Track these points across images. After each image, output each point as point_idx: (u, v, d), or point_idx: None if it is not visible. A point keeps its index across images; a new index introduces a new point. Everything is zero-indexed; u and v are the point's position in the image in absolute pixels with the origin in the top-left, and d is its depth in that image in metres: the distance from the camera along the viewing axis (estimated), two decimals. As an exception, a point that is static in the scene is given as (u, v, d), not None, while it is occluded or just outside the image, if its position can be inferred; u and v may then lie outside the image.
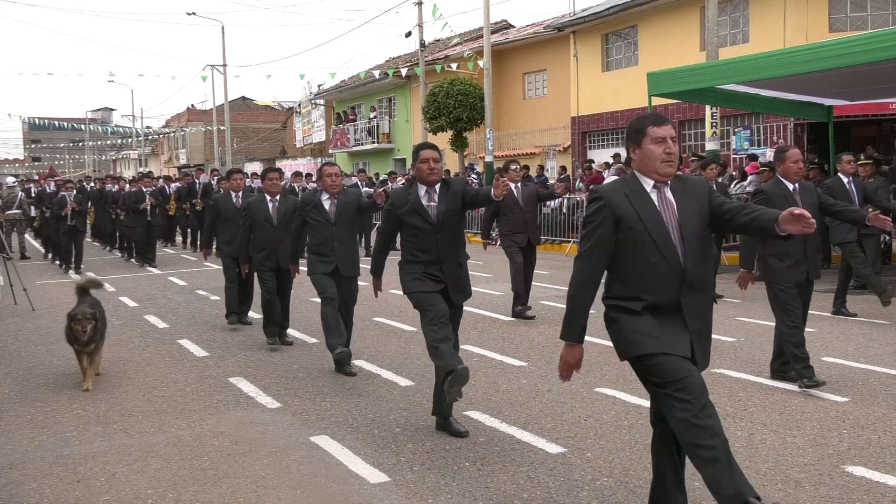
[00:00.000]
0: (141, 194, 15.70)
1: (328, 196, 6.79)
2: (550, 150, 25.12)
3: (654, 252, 3.29)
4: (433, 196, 5.04)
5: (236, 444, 5.00)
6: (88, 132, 69.90)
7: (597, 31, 22.26)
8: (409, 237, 5.06)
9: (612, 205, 3.30)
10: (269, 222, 7.85)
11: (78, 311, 6.39)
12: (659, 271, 3.30)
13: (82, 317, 6.34)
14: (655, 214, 3.30)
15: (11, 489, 4.38)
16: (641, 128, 3.36)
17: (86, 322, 6.30)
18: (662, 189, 3.35)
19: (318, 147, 40.41)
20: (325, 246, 6.69)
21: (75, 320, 6.33)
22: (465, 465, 4.56)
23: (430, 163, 5.04)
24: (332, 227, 6.70)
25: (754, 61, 10.96)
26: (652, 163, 3.32)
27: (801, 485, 4.17)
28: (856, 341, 7.54)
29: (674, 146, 3.34)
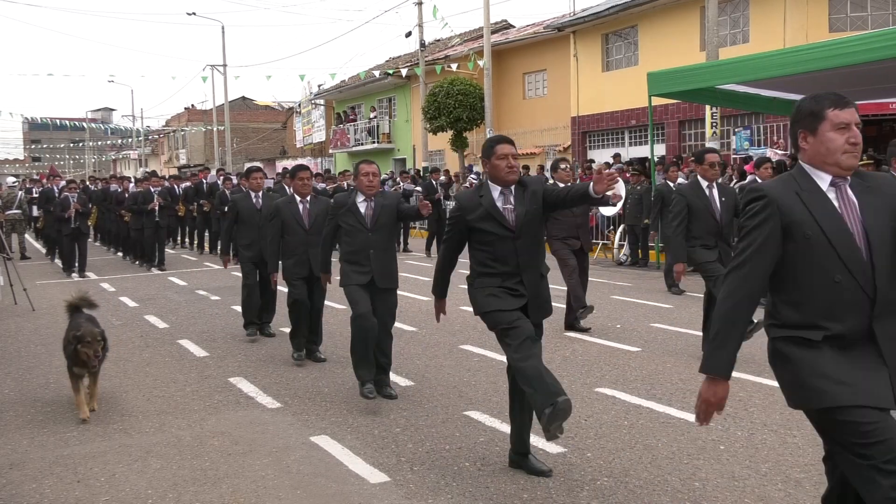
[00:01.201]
0: (149, 194, 15.08)
1: (364, 198, 5.96)
2: (550, 150, 25.12)
3: (837, 266, 2.58)
4: (509, 198, 4.36)
5: (236, 444, 5.00)
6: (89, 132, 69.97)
7: (597, 31, 22.26)
8: (481, 246, 4.38)
9: (780, 206, 2.64)
10: (300, 226, 7.13)
11: (86, 332, 5.60)
12: (844, 291, 2.58)
13: (92, 338, 5.57)
14: (836, 219, 2.62)
15: (11, 489, 4.38)
16: (818, 110, 2.68)
17: (96, 344, 5.57)
18: (843, 187, 2.67)
19: (318, 147, 40.41)
20: (360, 254, 5.88)
21: (83, 342, 5.54)
22: (465, 465, 4.55)
23: (510, 159, 4.34)
24: (368, 233, 5.89)
25: (754, 61, 10.97)
26: (832, 154, 2.65)
27: (801, 485, 4.16)
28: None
29: (859, 134, 2.67)
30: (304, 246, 7.10)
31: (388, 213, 5.98)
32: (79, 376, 5.67)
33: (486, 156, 4.42)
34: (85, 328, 5.67)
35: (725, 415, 5.35)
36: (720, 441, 4.84)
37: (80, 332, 5.60)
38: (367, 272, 5.88)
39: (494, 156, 4.36)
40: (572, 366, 6.81)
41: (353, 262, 5.91)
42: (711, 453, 4.64)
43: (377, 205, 5.98)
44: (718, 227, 6.81)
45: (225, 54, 65.16)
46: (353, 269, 5.89)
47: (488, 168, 4.42)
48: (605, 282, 12.20)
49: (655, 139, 16.89)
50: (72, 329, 5.77)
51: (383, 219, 5.96)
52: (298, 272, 7.13)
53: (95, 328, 5.73)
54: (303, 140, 42.77)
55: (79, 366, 5.60)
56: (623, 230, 14.93)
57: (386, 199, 6.07)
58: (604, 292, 10.99)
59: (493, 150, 4.37)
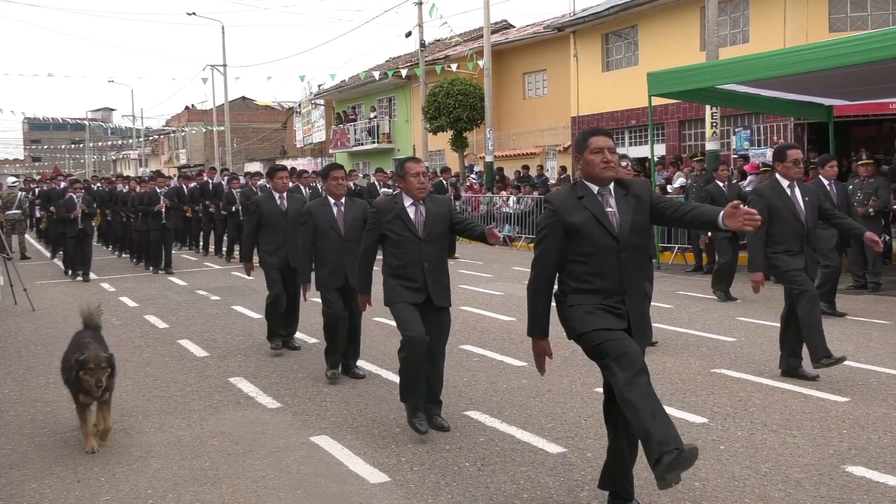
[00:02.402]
0: (155, 195, 14.46)
1: (412, 202, 5.18)
2: (550, 150, 25.12)
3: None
4: (608, 200, 3.75)
5: (236, 444, 5.00)
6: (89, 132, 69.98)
7: (597, 31, 22.25)
8: (579, 257, 3.71)
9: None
10: (335, 231, 6.44)
11: (90, 357, 4.84)
12: None
13: (96, 364, 4.81)
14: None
15: (11, 489, 4.38)
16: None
17: (100, 371, 4.81)
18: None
19: (318, 147, 40.41)
20: (411, 268, 5.08)
21: (86, 368, 4.80)
22: (465, 465, 4.55)
23: (606, 153, 3.72)
24: (421, 244, 5.08)
25: (754, 61, 10.97)
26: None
27: (801, 485, 4.17)
28: (856, 341, 7.54)
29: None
30: (339, 253, 6.39)
31: (442, 220, 5.19)
32: (85, 405, 4.97)
33: (578, 150, 3.85)
34: (90, 352, 4.88)
35: (725, 415, 5.35)
36: (720, 441, 4.85)
37: (84, 357, 4.82)
38: (421, 289, 5.09)
39: (588, 149, 3.76)
40: (572, 366, 6.81)
41: (402, 277, 5.12)
42: (711, 453, 4.64)
43: (429, 211, 5.17)
44: (803, 231, 6.15)
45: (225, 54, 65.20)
46: (403, 284, 5.10)
47: (581, 164, 3.84)
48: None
49: (655, 139, 16.89)
50: (74, 350, 5.02)
51: (437, 227, 5.16)
52: (334, 282, 6.41)
53: (102, 352, 4.95)
54: (303, 140, 42.77)
55: (84, 393, 4.91)
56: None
57: (437, 204, 5.26)
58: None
59: (586, 142, 3.79)
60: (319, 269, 6.51)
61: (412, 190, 5.15)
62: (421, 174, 5.15)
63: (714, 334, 7.95)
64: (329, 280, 6.44)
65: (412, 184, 5.15)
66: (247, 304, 10.61)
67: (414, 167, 5.17)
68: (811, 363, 6.09)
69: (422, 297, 5.08)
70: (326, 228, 6.45)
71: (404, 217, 5.14)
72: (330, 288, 6.44)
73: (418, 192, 5.15)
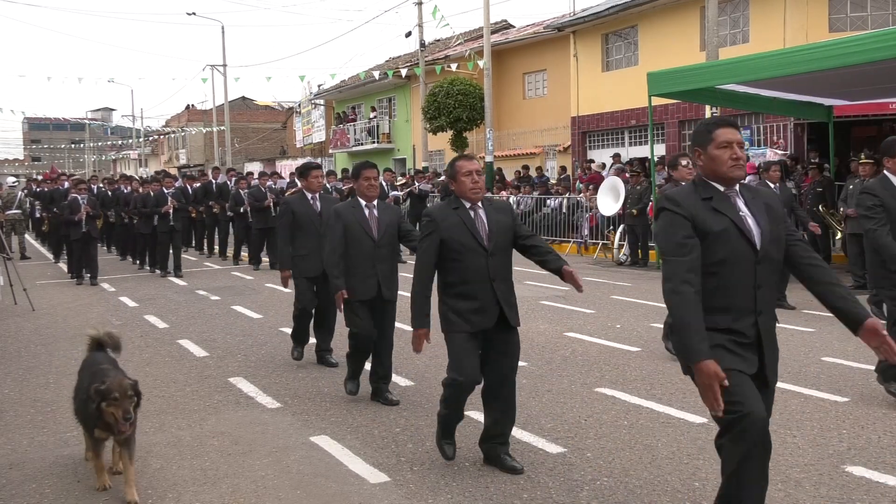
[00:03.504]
0: (163, 196, 13.77)
1: (471, 205, 4.42)
2: (550, 150, 25.12)
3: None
4: (738, 203, 3.22)
5: (236, 444, 5.00)
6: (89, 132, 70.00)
7: (597, 31, 22.25)
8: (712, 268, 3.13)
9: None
10: (367, 236, 5.78)
11: (112, 385, 4.08)
12: None
13: (121, 394, 4.05)
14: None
15: (11, 489, 4.38)
16: None
17: (127, 401, 4.07)
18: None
19: (318, 147, 40.42)
20: (473, 285, 4.32)
21: (109, 399, 4.04)
22: (465, 465, 4.55)
23: (735, 149, 3.20)
24: (488, 256, 4.34)
25: (754, 61, 10.96)
26: None
27: (801, 485, 4.17)
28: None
29: None
30: (371, 261, 5.75)
31: (505, 230, 4.42)
32: (100, 440, 4.23)
33: (698, 143, 3.29)
34: (112, 379, 4.13)
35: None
36: (720, 441, 4.84)
37: (106, 386, 4.06)
38: (489, 311, 4.33)
39: (713, 143, 3.22)
40: (572, 366, 6.81)
41: (464, 297, 4.33)
42: (711, 453, 4.63)
43: (491, 218, 4.40)
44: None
45: (225, 54, 65.21)
46: (467, 306, 4.32)
47: (702, 160, 3.27)
48: (605, 282, 12.20)
49: (655, 139, 16.88)
50: (91, 377, 4.27)
51: (502, 238, 4.40)
52: (364, 292, 5.74)
53: (125, 378, 4.24)
54: (303, 140, 42.77)
55: (102, 428, 4.15)
56: (623, 230, 14.93)
57: (499, 210, 4.49)
58: (604, 292, 10.99)
59: (710, 135, 3.24)
60: (349, 279, 5.79)
61: (465, 192, 4.39)
62: (475, 172, 4.40)
63: (714, 334, 7.94)
64: (360, 290, 5.72)
65: (465, 185, 4.39)
66: (247, 304, 10.61)
67: (466, 165, 4.42)
68: None
69: (490, 320, 4.33)
70: (358, 233, 5.78)
71: (469, 224, 4.36)
72: (360, 300, 5.73)
73: (473, 193, 4.38)
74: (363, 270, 5.75)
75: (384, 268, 5.79)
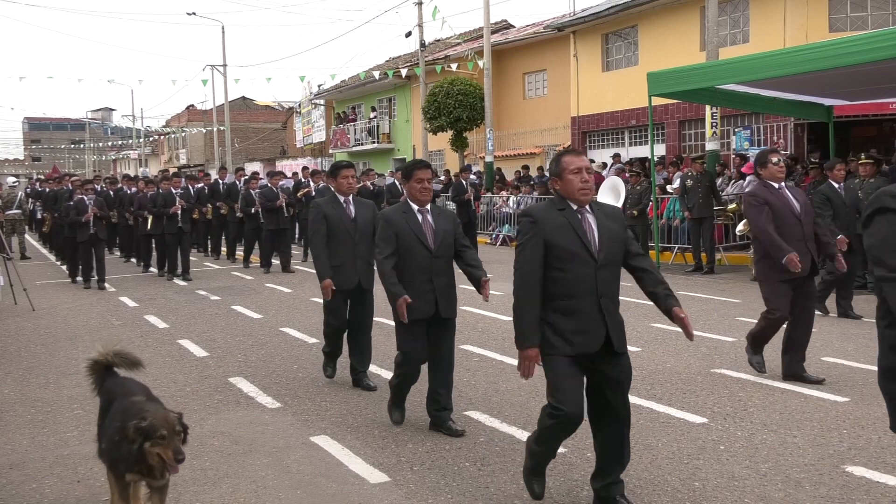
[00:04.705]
0: (171, 196, 13.46)
1: (578, 207, 3.82)
2: (550, 150, 25.12)
3: None
4: None
5: (236, 444, 5.00)
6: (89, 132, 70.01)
7: (597, 31, 22.25)
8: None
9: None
10: (423, 246, 5.05)
11: (157, 420, 3.39)
12: None
13: (170, 430, 3.38)
14: None
15: (11, 489, 4.38)
16: None
17: (175, 440, 3.41)
18: None
19: (318, 147, 40.42)
20: (578, 300, 3.74)
21: (155, 437, 3.36)
22: (465, 465, 4.55)
23: None
24: (596, 267, 3.74)
25: (754, 61, 10.97)
26: None
27: (801, 485, 4.17)
28: (856, 341, 7.53)
29: None
30: (427, 274, 5.04)
31: (619, 240, 3.84)
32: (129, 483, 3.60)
33: None
34: (155, 413, 3.44)
35: (725, 415, 5.35)
36: (720, 441, 4.85)
37: (148, 422, 3.36)
38: (594, 332, 3.74)
39: None
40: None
41: (565, 314, 3.74)
42: (711, 453, 4.64)
43: (601, 222, 3.82)
44: None
45: (225, 54, 65.18)
46: (569, 325, 3.73)
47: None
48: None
49: (655, 139, 16.89)
50: (122, 413, 3.54)
51: (614, 247, 3.82)
52: (420, 310, 4.98)
53: (167, 409, 3.57)
54: (303, 140, 42.78)
55: (140, 472, 3.47)
56: (623, 230, 14.87)
57: (610, 216, 3.91)
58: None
59: None
60: None
61: (573, 192, 3.78)
62: (584, 169, 3.81)
63: (714, 334, 7.95)
64: (415, 307, 4.93)
65: (573, 183, 3.78)
66: (247, 303, 10.61)
67: (574, 161, 3.84)
68: None
69: (595, 343, 3.73)
70: (412, 242, 5.05)
71: (581, 232, 3.75)
72: (415, 319, 4.95)
73: (582, 194, 3.79)
74: (418, 285, 4.99)
75: (442, 281, 5.07)
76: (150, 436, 3.35)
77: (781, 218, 6.13)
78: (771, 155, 6.42)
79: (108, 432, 3.62)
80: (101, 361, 4.04)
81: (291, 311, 9.98)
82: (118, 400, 3.72)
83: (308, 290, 11.75)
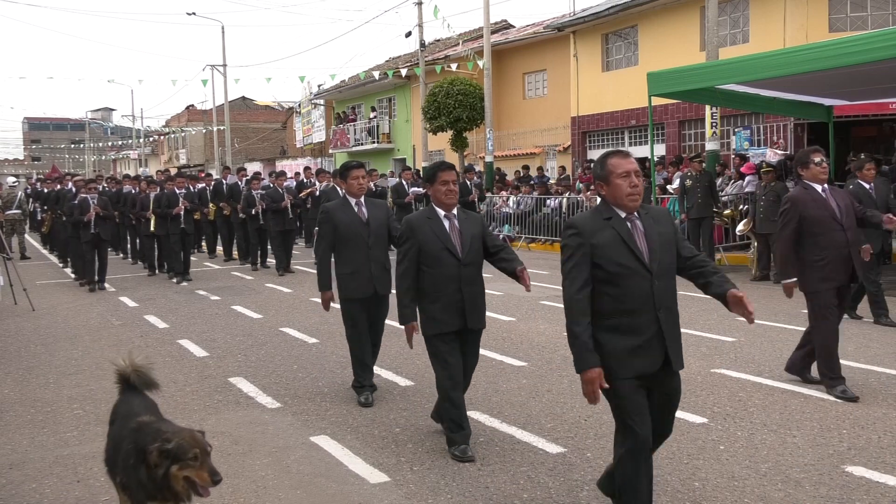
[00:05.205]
0: (174, 197, 13.35)
1: (626, 214, 3.50)
2: (550, 150, 25.12)
3: None
4: None
5: (236, 444, 5.00)
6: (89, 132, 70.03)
7: (597, 31, 22.24)
8: None
9: None
10: (450, 254, 4.70)
11: (185, 441, 3.11)
12: None
13: (201, 450, 3.11)
14: None
15: (11, 489, 4.38)
16: None
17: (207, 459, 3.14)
18: None
19: (317, 147, 40.42)
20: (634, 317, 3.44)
21: (185, 460, 3.09)
22: (465, 465, 4.55)
23: None
24: (652, 279, 3.45)
25: (754, 61, 10.95)
26: None
27: (801, 485, 4.17)
28: (856, 341, 7.53)
29: None
30: (455, 283, 4.68)
31: (669, 243, 3.56)
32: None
33: None
34: (181, 434, 3.16)
35: (725, 415, 5.35)
36: (720, 441, 4.85)
37: (174, 444, 3.08)
38: (653, 351, 3.47)
39: None
40: (572, 366, 6.79)
41: (621, 332, 3.44)
42: (711, 453, 4.64)
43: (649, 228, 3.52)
44: None
45: (225, 54, 65.18)
46: (625, 344, 3.43)
47: None
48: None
49: (655, 139, 16.90)
50: (141, 436, 3.23)
51: (665, 252, 3.52)
52: (449, 323, 4.62)
53: (194, 431, 3.25)
54: (302, 140, 42.78)
55: (163, 499, 3.16)
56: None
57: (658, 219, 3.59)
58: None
59: None
60: (429, 305, 4.73)
61: (622, 198, 3.47)
62: (633, 173, 3.48)
63: (714, 334, 7.95)
64: (443, 320, 4.61)
65: (621, 189, 3.47)
66: (247, 303, 10.61)
67: (622, 164, 3.50)
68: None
69: (652, 363, 3.46)
70: (438, 250, 4.70)
71: (627, 238, 3.44)
72: (446, 332, 4.64)
73: (631, 200, 3.47)
74: (447, 296, 4.62)
75: (471, 291, 4.70)
76: (178, 458, 3.07)
77: (822, 225, 5.75)
78: (813, 154, 5.96)
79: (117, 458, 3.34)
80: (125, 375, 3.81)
81: (291, 311, 9.98)
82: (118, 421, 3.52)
83: (308, 290, 11.75)
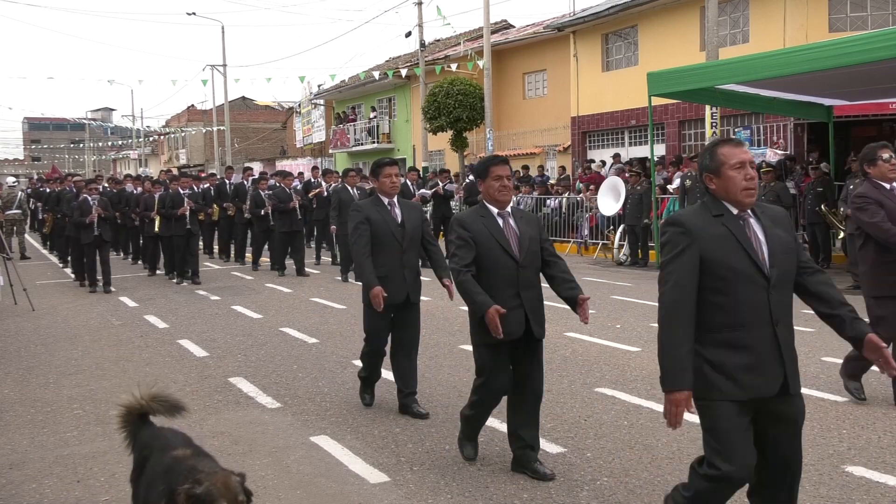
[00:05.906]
0: (178, 197, 13.07)
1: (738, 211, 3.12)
2: (550, 150, 25.12)
3: None
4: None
5: (236, 444, 5.00)
6: (89, 132, 70.03)
7: (597, 31, 22.24)
8: None
9: None
10: (508, 255, 4.30)
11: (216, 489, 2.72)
12: None
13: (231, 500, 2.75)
14: None
15: (11, 489, 4.38)
16: None
17: None
18: None
19: (317, 147, 40.43)
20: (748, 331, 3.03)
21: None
22: (464, 466, 4.55)
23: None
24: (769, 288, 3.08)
25: (754, 61, 10.97)
26: None
27: (801, 485, 4.14)
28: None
29: None
30: (513, 288, 4.29)
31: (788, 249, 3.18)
32: None
33: None
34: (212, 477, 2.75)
35: (725, 415, 5.35)
36: (720, 441, 4.84)
37: (204, 490, 2.68)
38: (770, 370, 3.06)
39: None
40: (572, 366, 6.81)
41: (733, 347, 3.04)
42: (711, 453, 4.63)
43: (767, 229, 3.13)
44: None
45: (225, 54, 65.17)
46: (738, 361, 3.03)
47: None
48: (605, 282, 12.20)
49: (655, 139, 16.89)
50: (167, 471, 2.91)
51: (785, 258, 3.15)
52: (508, 331, 4.16)
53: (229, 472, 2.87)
54: (303, 140, 42.78)
55: None
56: (623, 230, 14.93)
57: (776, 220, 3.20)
58: (604, 292, 10.99)
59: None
60: None
61: (736, 192, 3.06)
62: (749, 164, 3.08)
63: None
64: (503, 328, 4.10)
65: (735, 182, 3.06)
66: (247, 303, 10.62)
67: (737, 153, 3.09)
68: None
69: (769, 384, 3.01)
70: (494, 251, 4.29)
71: (742, 238, 3.03)
72: (497, 342, 4.20)
73: (747, 195, 3.06)
74: (504, 301, 4.18)
75: (531, 296, 4.32)
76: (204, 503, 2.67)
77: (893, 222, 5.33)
78: (881, 151, 5.54)
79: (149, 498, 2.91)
80: (135, 408, 3.36)
81: (291, 311, 9.98)
82: (155, 455, 3.07)
83: (308, 290, 11.75)
